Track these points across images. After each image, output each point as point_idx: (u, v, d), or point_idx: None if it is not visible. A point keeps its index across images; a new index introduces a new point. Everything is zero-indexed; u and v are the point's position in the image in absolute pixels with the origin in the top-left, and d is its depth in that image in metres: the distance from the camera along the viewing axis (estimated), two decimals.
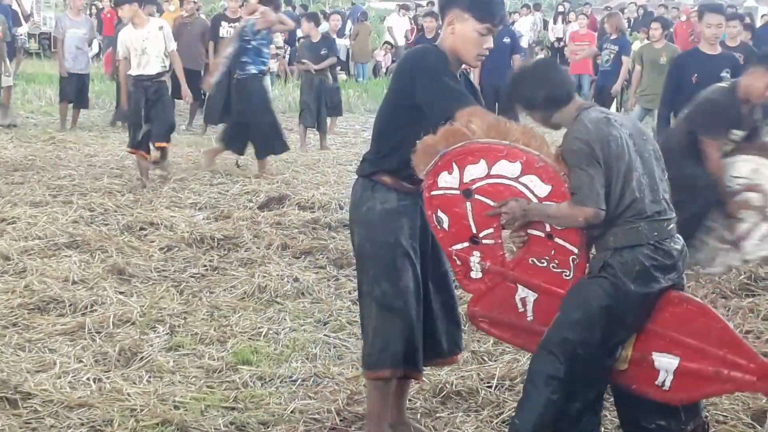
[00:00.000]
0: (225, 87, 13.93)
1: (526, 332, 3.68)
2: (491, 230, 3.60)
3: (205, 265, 6.57)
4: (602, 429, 3.76)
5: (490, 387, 4.57)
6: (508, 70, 12.74)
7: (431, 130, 3.59)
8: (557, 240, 3.54)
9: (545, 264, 3.57)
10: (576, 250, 3.53)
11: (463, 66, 3.89)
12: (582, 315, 3.45)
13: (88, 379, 4.52)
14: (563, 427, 3.53)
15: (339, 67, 15.85)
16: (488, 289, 3.67)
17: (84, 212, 7.81)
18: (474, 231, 3.62)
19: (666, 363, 3.52)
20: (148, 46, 9.13)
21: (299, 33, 18.56)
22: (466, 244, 3.64)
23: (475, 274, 3.67)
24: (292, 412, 4.26)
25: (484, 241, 3.62)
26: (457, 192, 3.59)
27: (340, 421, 4.20)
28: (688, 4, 20.67)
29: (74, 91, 13.61)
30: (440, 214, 3.64)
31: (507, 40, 13.31)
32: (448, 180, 3.59)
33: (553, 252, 3.56)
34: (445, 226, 3.65)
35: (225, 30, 13.92)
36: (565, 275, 3.55)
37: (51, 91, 15.31)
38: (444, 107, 3.62)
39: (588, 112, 3.52)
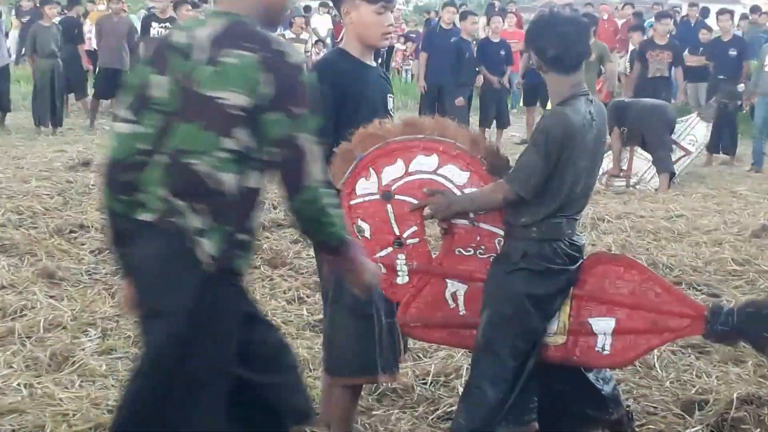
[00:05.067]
0: None
1: (461, 328, 3.69)
2: (415, 228, 3.61)
3: None
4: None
5: (425, 384, 4.60)
6: (451, 71, 12.81)
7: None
8: (482, 225, 3.58)
9: (472, 252, 3.60)
10: (501, 232, 3.57)
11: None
12: (515, 309, 3.49)
13: (18, 384, 4.44)
14: (507, 413, 3.51)
15: None
16: (417, 292, 3.66)
17: (12, 215, 7.65)
18: (397, 233, 3.61)
19: (604, 325, 3.56)
20: None
21: None
22: (390, 249, 3.63)
23: (402, 279, 3.66)
24: None
25: (408, 242, 3.63)
26: (377, 196, 3.59)
27: None
28: (614, 2, 20.92)
29: None
30: (360, 223, 3.62)
31: (454, 39, 13.20)
32: (366, 186, 3.59)
33: (478, 238, 3.59)
34: (367, 234, 3.62)
35: (156, 30, 13.78)
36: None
37: None
38: None
39: (578, 101, 3.49)
